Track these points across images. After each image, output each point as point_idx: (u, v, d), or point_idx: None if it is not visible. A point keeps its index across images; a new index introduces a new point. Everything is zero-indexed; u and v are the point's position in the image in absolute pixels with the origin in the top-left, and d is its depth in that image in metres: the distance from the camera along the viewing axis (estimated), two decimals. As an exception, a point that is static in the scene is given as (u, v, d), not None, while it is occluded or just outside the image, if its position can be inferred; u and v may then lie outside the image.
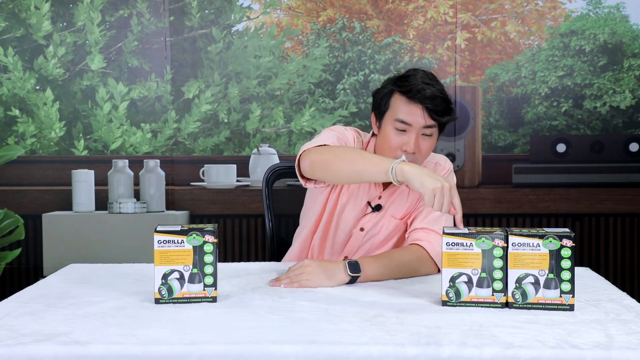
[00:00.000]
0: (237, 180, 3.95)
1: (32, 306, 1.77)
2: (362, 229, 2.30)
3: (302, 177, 2.18)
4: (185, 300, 1.78)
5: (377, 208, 2.28)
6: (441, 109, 2.09)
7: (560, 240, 1.70)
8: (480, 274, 1.74)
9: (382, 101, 2.17)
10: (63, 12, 4.40)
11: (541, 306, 1.72)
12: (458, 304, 1.75)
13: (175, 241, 1.78)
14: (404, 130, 2.12)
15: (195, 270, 1.78)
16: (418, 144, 2.11)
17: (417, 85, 2.09)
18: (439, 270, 2.18)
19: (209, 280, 1.79)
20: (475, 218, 3.84)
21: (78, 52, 4.39)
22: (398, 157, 2.06)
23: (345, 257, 2.32)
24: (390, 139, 2.14)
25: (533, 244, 1.71)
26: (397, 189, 2.28)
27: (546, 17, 4.46)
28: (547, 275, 1.71)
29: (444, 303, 1.76)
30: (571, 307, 1.71)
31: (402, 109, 2.12)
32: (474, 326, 1.57)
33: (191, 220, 3.83)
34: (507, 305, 1.74)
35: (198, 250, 1.78)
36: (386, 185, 2.29)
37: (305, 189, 2.37)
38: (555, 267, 1.71)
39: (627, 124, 4.29)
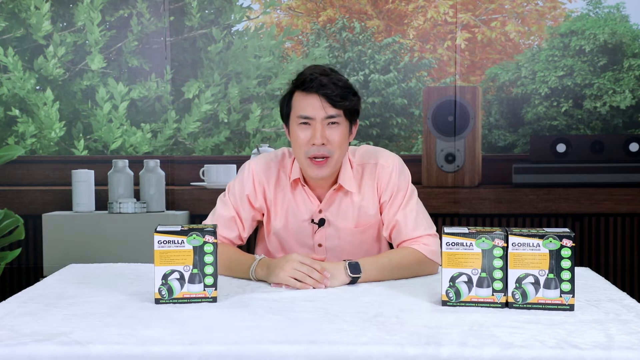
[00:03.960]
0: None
1: (32, 306, 1.77)
2: (320, 245, 2.26)
3: None
4: (186, 301, 1.78)
5: (321, 223, 2.24)
6: (338, 94, 2.09)
7: (560, 240, 1.70)
8: (480, 274, 1.74)
9: (284, 105, 2.18)
10: (63, 12, 4.40)
11: (541, 306, 1.72)
12: (458, 304, 1.75)
13: (176, 241, 1.78)
14: (309, 124, 2.11)
15: (195, 271, 1.79)
16: (325, 135, 2.10)
17: (310, 76, 2.10)
18: (439, 266, 2.18)
19: (209, 280, 1.79)
20: (475, 218, 3.84)
21: (78, 52, 4.39)
22: (309, 153, 2.10)
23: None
24: (297, 137, 2.13)
25: (533, 244, 1.71)
26: (333, 196, 2.23)
27: (546, 17, 4.46)
28: (547, 275, 1.71)
29: (444, 303, 1.76)
30: (571, 307, 1.71)
31: (301, 104, 2.12)
32: (474, 326, 1.57)
33: (191, 220, 3.82)
34: (507, 305, 1.74)
35: (198, 251, 1.78)
36: (321, 198, 2.24)
37: None
38: (555, 267, 1.71)
39: (627, 124, 4.29)
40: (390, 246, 2.32)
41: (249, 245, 3.91)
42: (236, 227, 2.27)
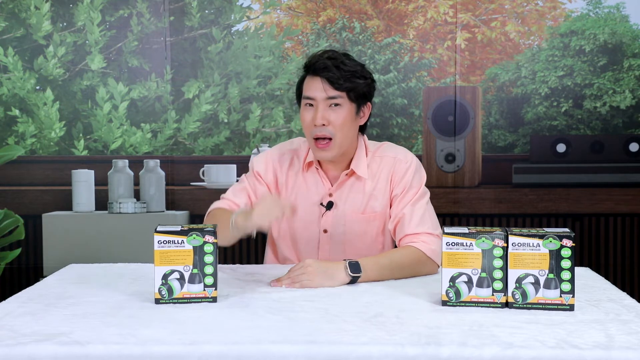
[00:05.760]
0: (237, 180, 3.95)
1: (32, 306, 1.77)
2: (325, 231, 2.29)
3: None
4: (186, 301, 1.78)
5: (329, 206, 2.28)
6: (340, 77, 2.14)
7: (560, 240, 1.70)
8: (480, 274, 1.74)
9: (297, 89, 2.25)
10: (63, 12, 4.40)
11: (541, 306, 1.72)
12: (458, 304, 1.75)
13: (176, 241, 1.78)
14: (312, 106, 2.18)
15: (195, 271, 1.79)
16: (326, 116, 2.16)
17: (314, 60, 2.18)
18: (438, 267, 2.19)
19: (209, 280, 1.79)
20: (475, 218, 3.84)
21: (78, 52, 4.39)
22: (313, 134, 2.17)
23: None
24: (303, 118, 2.21)
25: (533, 244, 1.71)
26: (344, 182, 2.28)
27: (546, 17, 4.46)
28: (547, 275, 1.71)
29: (444, 303, 1.76)
30: (571, 307, 1.71)
31: (307, 86, 2.20)
32: (474, 326, 1.57)
33: (191, 220, 3.83)
34: (507, 305, 1.74)
35: (198, 251, 1.78)
36: (334, 181, 2.29)
37: None
38: (555, 267, 1.71)
39: (627, 124, 4.29)
40: (394, 246, 2.32)
41: (256, 245, 3.91)
42: (247, 195, 2.32)
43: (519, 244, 1.72)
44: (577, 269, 2.06)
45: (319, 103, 2.16)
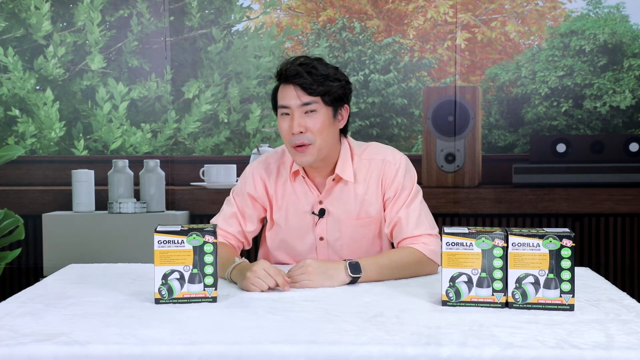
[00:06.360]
0: (237, 181, 3.95)
1: (32, 306, 1.77)
2: (321, 238, 2.28)
3: None
4: (186, 301, 1.78)
5: (322, 213, 2.26)
6: (313, 81, 2.12)
7: (560, 240, 1.70)
8: (480, 274, 1.74)
9: (272, 99, 2.23)
10: (63, 12, 4.40)
11: (541, 306, 1.72)
12: (458, 304, 1.75)
13: (176, 241, 1.78)
14: (288, 114, 2.15)
15: (195, 271, 1.79)
16: (302, 123, 2.13)
17: (285, 67, 2.16)
18: (438, 267, 2.18)
19: (209, 280, 1.79)
20: (475, 218, 3.84)
21: (78, 52, 4.39)
22: (291, 142, 2.14)
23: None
24: (280, 128, 2.18)
25: (533, 244, 1.71)
26: (333, 187, 2.25)
27: (546, 17, 4.46)
28: (547, 275, 1.71)
29: (444, 303, 1.76)
30: (571, 307, 1.71)
31: (280, 95, 2.17)
32: (474, 326, 1.57)
33: (191, 220, 3.83)
34: (507, 305, 1.74)
35: (198, 251, 1.78)
36: (321, 188, 2.27)
37: None
38: (555, 267, 1.71)
39: (627, 124, 4.29)
40: (392, 246, 2.32)
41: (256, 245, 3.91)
42: (237, 222, 2.29)
43: (519, 244, 1.72)
44: (577, 269, 2.06)
45: (294, 111, 2.13)
